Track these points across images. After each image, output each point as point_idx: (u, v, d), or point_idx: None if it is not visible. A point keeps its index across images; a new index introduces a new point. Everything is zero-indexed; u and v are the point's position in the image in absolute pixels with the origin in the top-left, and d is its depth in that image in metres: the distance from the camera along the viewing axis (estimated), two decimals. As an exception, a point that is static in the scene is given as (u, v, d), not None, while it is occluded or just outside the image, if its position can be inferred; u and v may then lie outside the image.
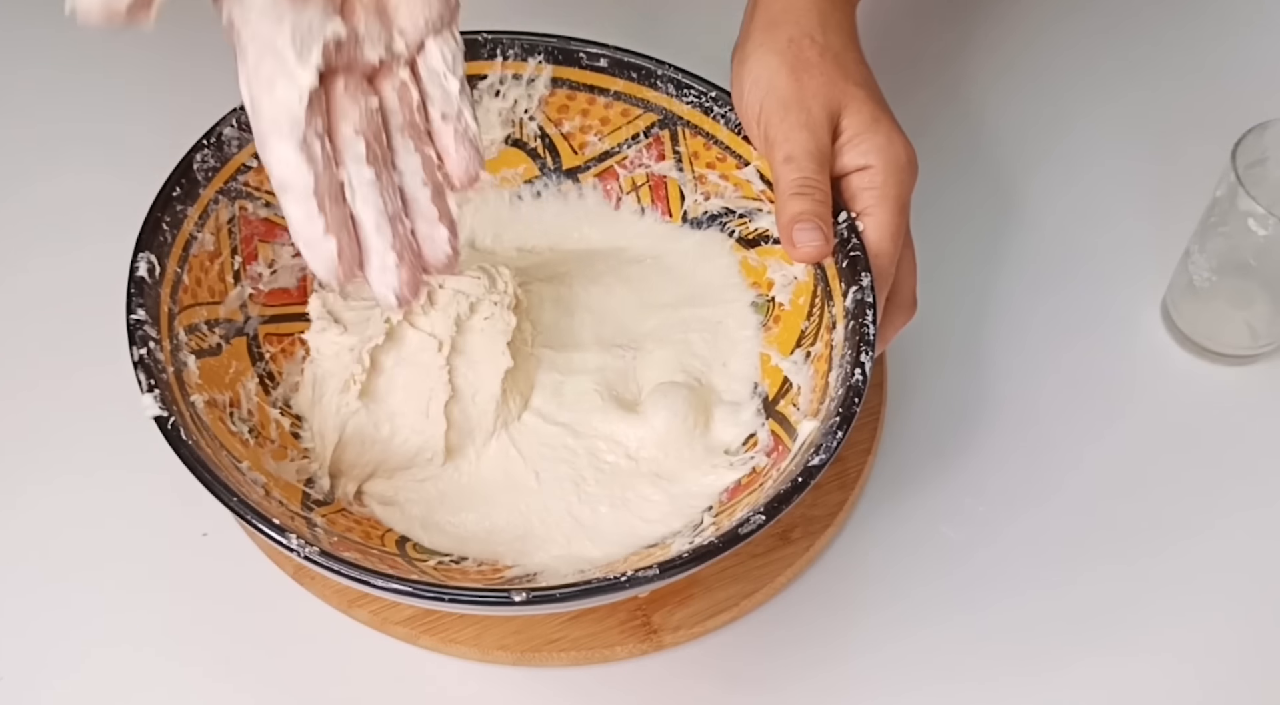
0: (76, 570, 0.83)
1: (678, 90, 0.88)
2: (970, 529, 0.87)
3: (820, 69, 0.83)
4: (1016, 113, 1.06)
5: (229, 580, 0.83)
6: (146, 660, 0.81)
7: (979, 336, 0.95)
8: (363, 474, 0.82)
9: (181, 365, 0.78)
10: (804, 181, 0.80)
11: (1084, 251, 0.99)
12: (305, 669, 0.81)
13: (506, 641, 0.80)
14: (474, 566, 0.79)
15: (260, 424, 0.82)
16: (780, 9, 0.85)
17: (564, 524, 0.81)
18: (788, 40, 0.84)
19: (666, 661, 0.82)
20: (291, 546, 0.71)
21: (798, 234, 0.80)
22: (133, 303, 0.77)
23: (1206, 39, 1.12)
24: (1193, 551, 0.87)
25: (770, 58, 0.83)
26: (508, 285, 0.83)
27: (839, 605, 0.85)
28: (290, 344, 0.86)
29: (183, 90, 1.02)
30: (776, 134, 0.82)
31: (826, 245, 0.80)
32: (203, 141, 0.83)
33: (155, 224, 0.80)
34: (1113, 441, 0.91)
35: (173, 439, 0.73)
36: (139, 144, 0.97)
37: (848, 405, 0.76)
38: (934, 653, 0.83)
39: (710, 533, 0.75)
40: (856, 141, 0.82)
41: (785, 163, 0.81)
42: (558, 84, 0.90)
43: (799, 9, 0.85)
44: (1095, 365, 0.94)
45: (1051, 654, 0.83)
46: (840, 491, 0.87)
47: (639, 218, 0.92)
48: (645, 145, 0.91)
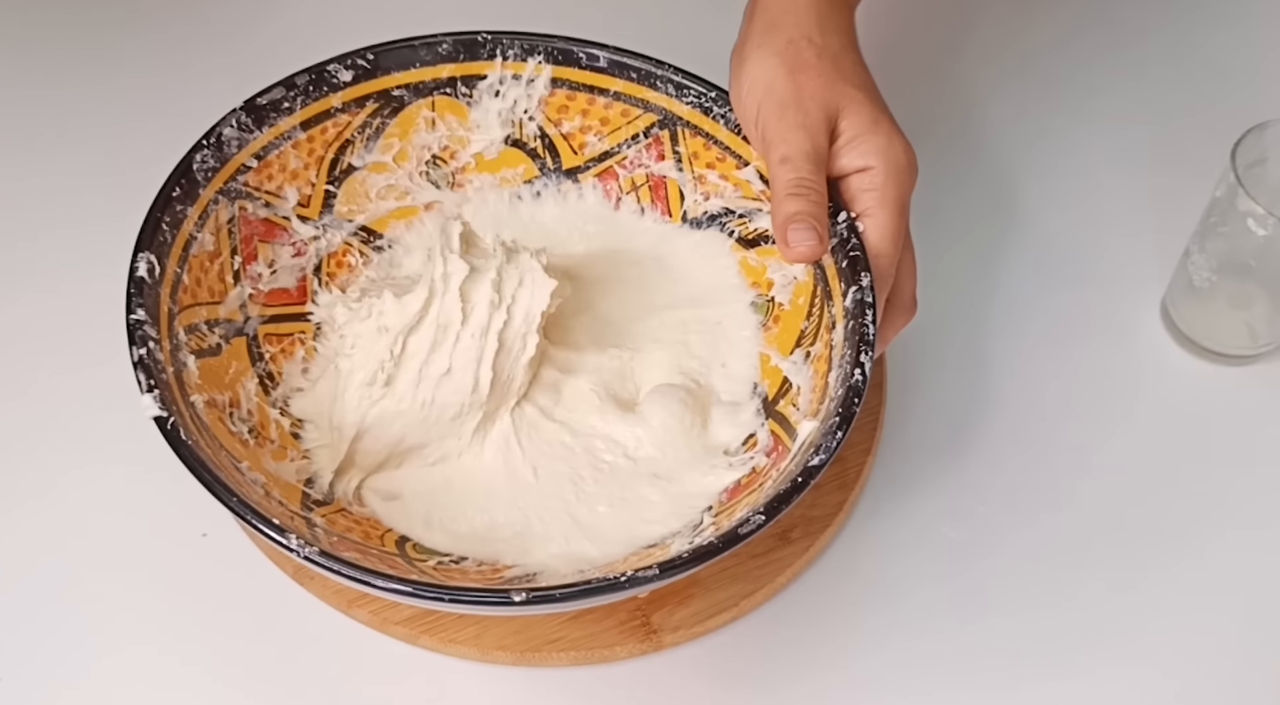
0: (76, 571, 0.83)
1: (677, 91, 0.88)
2: (970, 529, 0.87)
3: (818, 71, 0.83)
4: (1017, 114, 1.06)
5: (229, 580, 0.83)
6: (146, 660, 0.81)
7: (979, 336, 0.95)
8: (374, 463, 0.82)
9: (181, 365, 0.78)
10: (799, 182, 0.81)
11: (1084, 252, 0.99)
12: (305, 669, 0.81)
13: (506, 641, 0.80)
14: (474, 566, 0.79)
15: (260, 424, 0.82)
16: (779, 11, 0.85)
17: (562, 522, 0.81)
18: (786, 42, 0.84)
19: (666, 661, 0.82)
20: (291, 546, 0.71)
21: (792, 234, 0.80)
22: (132, 303, 0.77)
23: (1206, 40, 1.12)
24: (1194, 551, 0.87)
25: (768, 59, 0.83)
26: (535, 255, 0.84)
27: (839, 605, 0.85)
28: (290, 344, 0.86)
29: (183, 90, 1.02)
30: (773, 135, 0.82)
31: (821, 246, 0.80)
32: (203, 142, 0.83)
33: (155, 224, 0.80)
34: (1112, 442, 0.91)
35: (172, 439, 0.73)
36: (139, 144, 0.97)
37: (847, 405, 0.76)
38: (934, 653, 0.83)
39: (710, 533, 0.75)
40: (856, 143, 0.82)
41: (781, 163, 0.81)
42: (557, 84, 0.90)
43: (798, 11, 0.85)
44: (1095, 365, 0.94)
45: (1052, 654, 0.83)
46: (840, 492, 0.87)
47: (639, 218, 0.92)
48: (645, 145, 0.91)
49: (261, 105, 0.85)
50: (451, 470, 0.82)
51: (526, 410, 0.84)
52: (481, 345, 0.82)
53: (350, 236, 0.90)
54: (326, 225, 0.89)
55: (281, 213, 0.87)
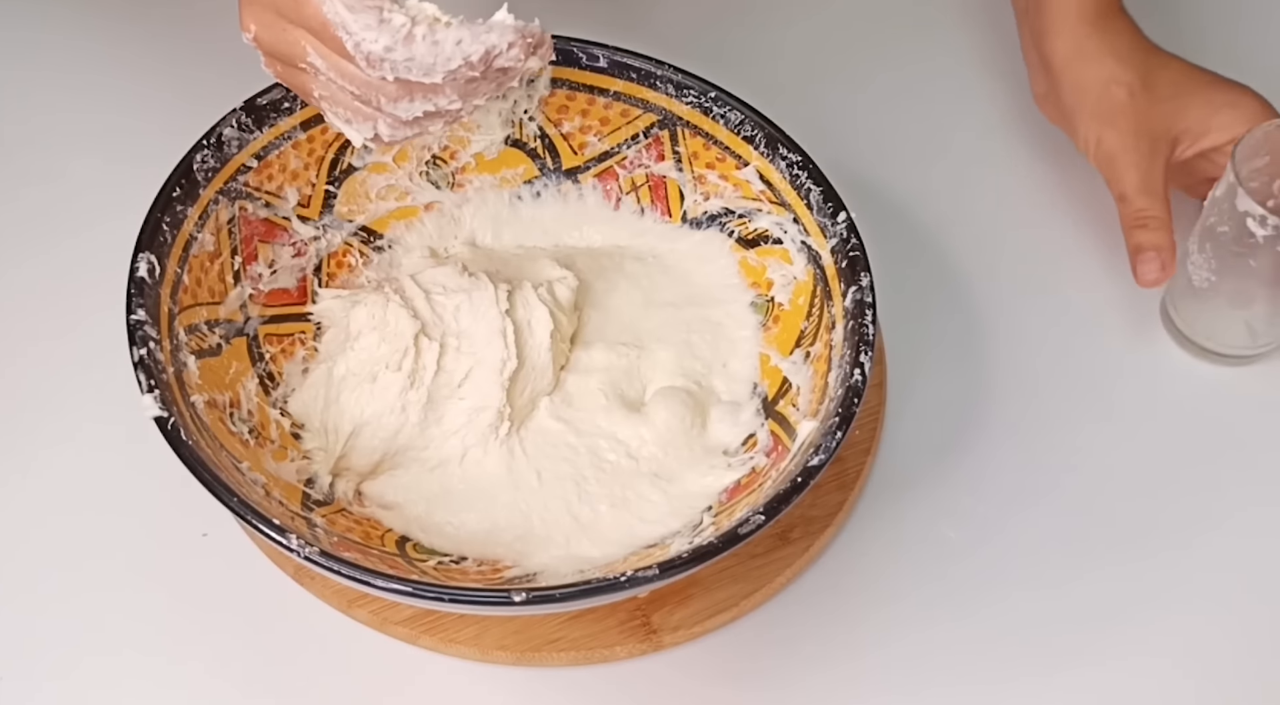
0: (76, 570, 0.83)
1: (677, 91, 0.88)
2: (970, 529, 0.87)
3: (1131, 110, 0.92)
4: (1017, 111, 1.06)
5: (229, 581, 0.83)
6: (146, 660, 0.81)
7: (979, 336, 0.95)
8: (368, 464, 0.82)
9: (182, 365, 0.78)
10: (1139, 214, 0.90)
11: (1083, 251, 0.99)
12: (305, 669, 0.81)
13: (506, 641, 0.80)
14: (474, 567, 0.79)
15: (260, 424, 0.82)
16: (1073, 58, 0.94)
17: (564, 523, 0.81)
18: (1096, 99, 0.93)
19: (666, 661, 0.82)
20: (292, 546, 0.71)
21: (1140, 265, 0.90)
22: (133, 303, 0.77)
23: (1207, 39, 1.12)
24: (1193, 550, 0.87)
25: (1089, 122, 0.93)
26: None
27: (838, 605, 0.85)
28: (290, 344, 0.86)
29: (183, 90, 1.02)
30: (1110, 175, 0.92)
31: (1164, 273, 0.90)
32: (203, 142, 0.83)
33: (155, 224, 0.80)
34: (1112, 441, 0.91)
35: (173, 439, 0.73)
36: (139, 144, 0.97)
37: (847, 405, 0.76)
38: (934, 652, 0.83)
39: (710, 533, 0.76)
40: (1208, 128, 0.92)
41: (1120, 201, 0.92)
42: (557, 84, 0.90)
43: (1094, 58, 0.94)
44: (1095, 365, 0.94)
45: (1051, 654, 0.83)
46: (840, 491, 0.87)
47: (639, 218, 0.92)
48: (645, 145, 0.91)
49: (262, 105, 0.85)
50: (451, 475, 0.82)
51: (535, 416, 0.84)
52: (503, 358, 0.82)
53: (350, 237, 0.90)
54: (327, 225, 0.89)
55: (282, 213, 0.87)
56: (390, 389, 0.81)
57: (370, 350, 0.82)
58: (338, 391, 0.83)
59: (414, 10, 0.71)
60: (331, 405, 0.83)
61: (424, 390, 0.82)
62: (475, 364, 0.82)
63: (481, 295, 0.83)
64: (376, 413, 0.81)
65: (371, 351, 0.82)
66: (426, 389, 0.82)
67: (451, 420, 0.82)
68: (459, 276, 0.84)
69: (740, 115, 0.87)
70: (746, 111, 0.87)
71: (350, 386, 0.82)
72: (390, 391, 0.81)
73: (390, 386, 0.81)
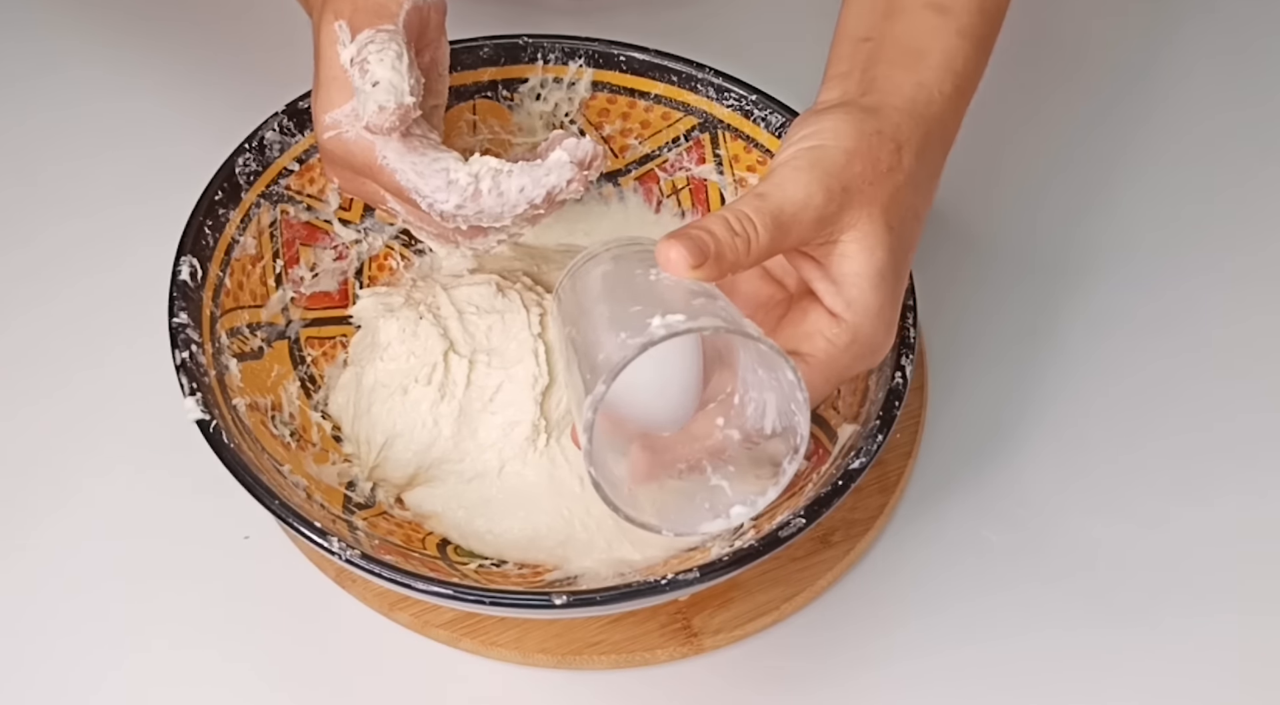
0: (117, 573, 0.84)
1: (718, 93, 0.88)
2: (1012, 533, 0.87)
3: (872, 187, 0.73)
4: (1062, 110, 1.05)
5: (270, 583, 0.83)
6: (187, 661, 0.81)
7: (1022, 338, 0.95)
8: (403, 476, 0.82)
9: (223, 369, 0.79)
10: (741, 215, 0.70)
11: (1125, 251, 0.99)
12: (347, 671, 0.81)
13: (547, 644, 0.81)
14: (515, 570, 0.79)
15: (302, 427, 0.83)
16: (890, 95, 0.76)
17: (605, 527, 0.81)
18: (875, 132, 0.74)
19: (707, 665, 0.82)
20: (333, 549, 0.71)
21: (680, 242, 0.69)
22: (175, 306, 0.78)
23: (1223, 43, 1.11)
24: (1249, 555, 0.86)
25: (847, 128, 0.73)
26: None
27: (879, 609, 0.84)
28: (331, 347, 0.87)
29: (225, 94, 1.03)
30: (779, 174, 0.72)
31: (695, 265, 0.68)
32: (244, 146, 0.84)
33: (198, 228, 0.81)
34: (1158, 444, 0.90)
35: (215, 442, 0.74)
36: (182, 148, 0.98)
37: (888, 408, 0.76)
38: (976, 657, 0.82)
39: (750, 536, 0.75)
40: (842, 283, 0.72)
41: (756, 196, 0.71)
42: (598, 87, 0.90)
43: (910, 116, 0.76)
44: (1137, 367, 0.94)
45: (1096, 667, 0.82)
46: (881, 495, 0.86)
47: (680, 221, 0.92)
48: (686, 148, 0.91)
49: (303, 109, 0.85)
50: (490, 486, 0.82)
51: None
52: (534, 374, 0.82)
53: (391, 240, 0.90)
54: (368, 229, 0.89)
55: (323, 216, 0.87)
56: (421, 403, 0.81)
57: (399, 361, 0.82)
58: (369, 402, 0.83)
59: (477, 166, 0.76)
60: (363, 415, 0.83)
61: (455, 403, 0.81)
62: (506, 379, 0.82)
63: (514, 318, 0.83)
64: (409, 425, 0.81)
65: (400, 363, 0.82)
66: (459, 402, 0.82)
67: (486, 434, 0.82)
68: (493, 297, 0.84)
69: (781, 118, 0.87)
70: (788, 115, 0.87)
71: (381, 398, 0.82)
72: (422, 405, 0.81)
73: (421, 400, 0.81)
